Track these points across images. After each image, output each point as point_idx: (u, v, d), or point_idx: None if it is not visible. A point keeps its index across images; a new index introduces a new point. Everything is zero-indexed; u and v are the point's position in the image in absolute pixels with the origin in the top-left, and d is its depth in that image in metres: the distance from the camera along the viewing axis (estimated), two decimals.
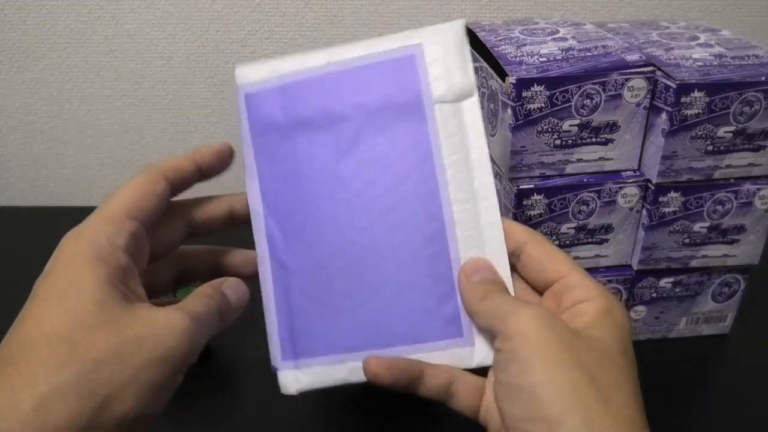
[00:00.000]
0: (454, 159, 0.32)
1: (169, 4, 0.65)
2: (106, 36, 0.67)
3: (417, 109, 0.32)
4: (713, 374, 0.48)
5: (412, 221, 0.32)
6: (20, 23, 0.66)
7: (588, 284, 0.28)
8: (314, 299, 0.33)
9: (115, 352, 0.24)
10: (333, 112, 0.33)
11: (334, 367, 0.33)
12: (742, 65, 0.41)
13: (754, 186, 0.43)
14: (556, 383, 0.24)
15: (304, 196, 0.33)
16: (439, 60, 0.32)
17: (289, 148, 0.33)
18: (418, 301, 0.32)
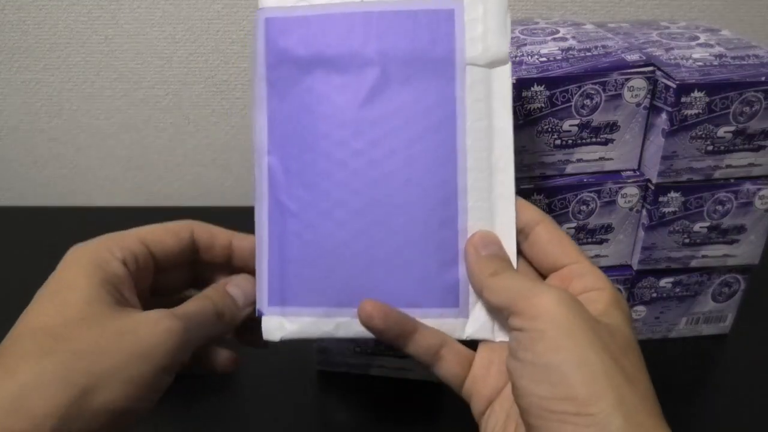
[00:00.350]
0: (477, 125, 0.31)
1: (169, 4, 0.65)
2: (106, 36, 0.67)
3: (448, 66, 0.31)
4: (713, 374, 0.48)
5: (424, 182, 0.31)
6: (20, 23, 0.66)
7: (597, 274, 0.29)
8: (311, 247, 0.31)
9: (95, 345, 0.25)
10: (358, 55, 0.31)
11: (321, 320, 0.32)
12: (742, 65, 0.41)
13: (754, 186, 0.43)
14: (587, 363, 0.24)
15: (315, 138, 0.31)
16: (478, 20, 0.31)
17: (306, 85, 0.32)
18: (418, 265, 0.31)
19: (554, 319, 0.25)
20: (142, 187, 0.75)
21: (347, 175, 0.31)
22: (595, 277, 0.29)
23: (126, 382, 0.25)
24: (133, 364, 0.25)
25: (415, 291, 0.31)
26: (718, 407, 0.45)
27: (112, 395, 0.24)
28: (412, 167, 0.31)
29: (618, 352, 0.25)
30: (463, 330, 0.31)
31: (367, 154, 0.31)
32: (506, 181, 0.31)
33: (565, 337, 0.25)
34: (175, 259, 0.32)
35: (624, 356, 0.25)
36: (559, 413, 0.24)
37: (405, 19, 0.31)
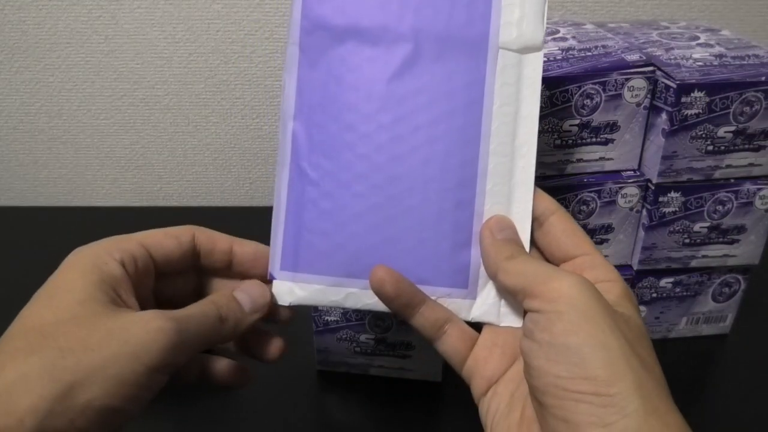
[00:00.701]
0: (504, 110, 0.31)
1: (169, 4, 0.65)
2: (106, 36, 0.67)
3: (481, 48, 0.31)
4: (713, 374, 0.48)
5: (446, 162, 0.31)
6: (20, 23, 0.66)
7: (609, 266, 0.29)
8: (328, 216, 0.32)
9: (83, 342, 0.24)
10: (392, 28, 0.31)
11: (331, 289, 0.32)
12: (743, 65, 0.41)
13: (755, 186, 0.43)
14: (606, 346, 0.24)
15: (341, 108, 0.31)
16: (516, 5, 0.31)
17: (338, 54, 0.32)
18: (432, 243, 0.31)
19: (573, 302, 0.25)
20: (142, 187, 0.75)
21: (370, 149, 0.31)
22: (607, 269, 0.29)
23: (113, 380, 0.24)
24: (121, 362, 0.25)
25: (426, 268, 0.31)
26: (718, 407, 0.45)
27: (99, 392, 0.24)
28: (435, 146, 0.31)
29: (634, 340, 0.25)
30: (470, 311, 0.32)
31: (392, 130, 0.31)
32: (527, 168, 0.31)
33: (584, 320, 0.25)
34: (177, 263, 0.32)
35: (639, 344, 0.26)
36: (576, 392, 0.24)
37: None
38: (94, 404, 0.24)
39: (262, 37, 0.67)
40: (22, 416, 0.22)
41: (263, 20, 0.66)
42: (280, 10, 0.66)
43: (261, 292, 0.31)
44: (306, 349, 0.47)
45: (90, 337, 0.25)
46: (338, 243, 0.32)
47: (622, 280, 0.29)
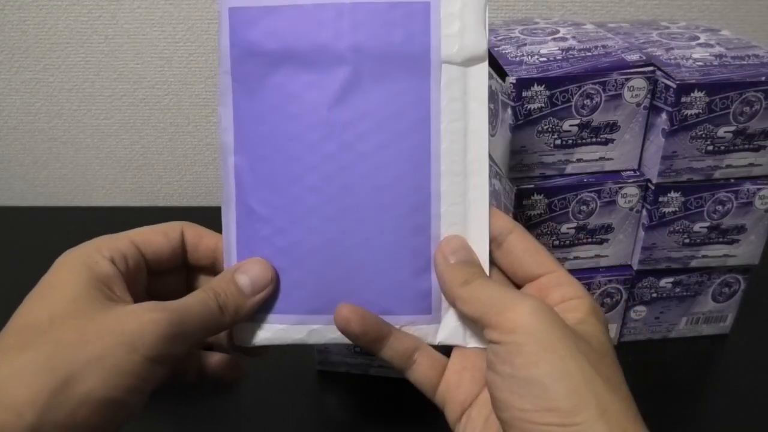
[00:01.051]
0: (452, 127, 0.30)
1: (169, 4, 0.65)
2: (106, 36, 0.67)
3: (423, 64, 0.29)
4: (713, 374, 0.48)
5: (398, 187, 0.30)
6: (20, 23, 0.66)
7: (575, 283, 0.29)
8: (283, 253, 0.31)
9: (78, 335, 0.24)
10: (329, 50, 0.29)
11: (294, 327, 0.31)
12: (742, 65, 0.41)
13: (754, 186, 0.43)
14: (567, 375, 0.24)
15: (285, 139, 0.30)
16: (455, 15, 0.29)
17: (275, 81, 0.30)
18: (392, 272, 0.30)
19: (531, 331, 0.25)
20: (142, 187, 0.75)
21: (319, 180, 0.30)
22: (573, 286, 0.29)
23: (110, 371, 0.24)
24: (117, 352, 0.24)
25: (388, 298, 0.31)
26: (718, 407, 0.45)
27: (97, 383, 0.24)
28: (385, 172, 0.30)
29: (597, 360, 0.25)
30: (436, 335, 0.31)
31: (339, 159, 0.30)
32: (480, 185, 0.30)
33: (543, 349, 0.25)
34: (168, 259, 0.31)
35: (602, 363, 0.25)
36: (542, 424, 0.24)
37: (379, 12, 0.29)
38: (94, 396, 0.24)
39: None
40: (21, 410, 0.22)
41: None
42: None
43: (262, 272, 0.30)
44: (306, 349, 0.47)
45: (84, 330, 0.25)
46: (297, 280, 0.31)
47: (589, 296, 0.28)
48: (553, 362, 0.24)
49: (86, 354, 0.24)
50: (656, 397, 0.45)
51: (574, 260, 0.46)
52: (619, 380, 0.26)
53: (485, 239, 0.30)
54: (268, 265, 0.31)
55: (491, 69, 0.44)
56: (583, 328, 0.27)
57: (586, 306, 0.28)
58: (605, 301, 0.47)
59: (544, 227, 0.44)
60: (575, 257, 0.46)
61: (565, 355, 0.24)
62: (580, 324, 0.27)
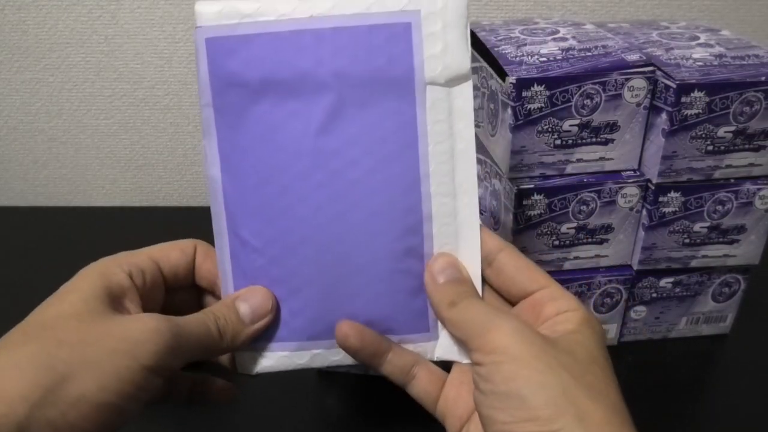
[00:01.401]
0: (439, 148, 0.30)
1: (169, 4, 0.65)
2: (106, 36, 0.67)
3: (407, 87, 0.29)
4: (713, 374, 0.48)
5: (389, 211, 0.30)
6: (20, 23, 0.66)
7: (569, 297, 0.29)
8: (280, 283, 0.31)
9: (80, 336, 0.25)
10: (311, 77, 0.29)
11: (296, 353, 0.32)
12: (742, 65, 0.41)
13: (754, 186, 0.43)
14: (544, 386, 0.25)
15: (273, 170, 0.30)
16: (437, 35, 0.29)
17: (257, 112, 0.29)
18: (388, 295, 0.31)
19: (509, 351, 0.26)
20: (142, 187, 0.75)
21: (310, 210, 0.30)
22: (566, 299, 0.29)
23: (108, 375, 0.24)
24: (117, 357, 0.25)
25: (386, 320, 0.31)
26: (718, 407, 0.45)
27: (92, 386, 0.24)
28: (376, 197, 0.30)
29: (579, 370, 0.26)
30: (433, 352, 0.32)
31: (329, 187, 0.30)
32: (470, 205, 0.30)
33: (520, 365, 0.25)
34: (184, 276, 0.32)
35: (588, 373, 0.26)
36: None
37: (359, 36, 0.28)
38: (88, 398, 0.24)
39: None
40: (13, 403, 0.22)
41: None
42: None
43: (263, 301, 0.31)
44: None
45: (88, 331, 0.25)
46: (295, 308, 0.31)
47: (582, 308, 0.29)
48: (530, 376, 0.25)
49: (86, 355, 0.24)
50: (656, 397, 0.45)
51: (574, 260, 0.46)
52: (606, 388, 0.26)
53: (477, 258, 0.30)
54: (268, 293, 0.31)
55: (491, 69, 0.44)
56: (573, 338, 0.27)
57: (579, 317, 0.28)
58: (605, 301, 0.47)
59: (544, 227, 0.44)
60: (575, 257, 0.46)
61: (543, 368, 0.25)
62: (570, 335, 0.28)
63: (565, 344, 0.27)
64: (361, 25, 0.28)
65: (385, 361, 0.31)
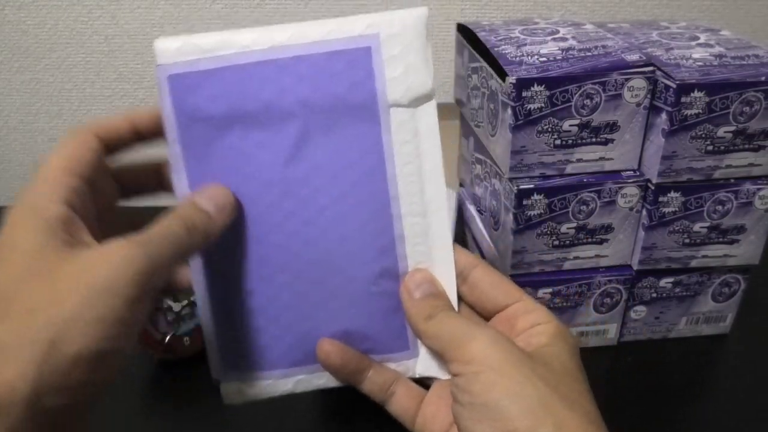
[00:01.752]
0: (407, 169, 0.30)
1: (169, 4, 0.65)
2: (106, 36, 0.67)
3: (371, 111, 0.29)
4: (713, 374, 0.48)
5: (362, 235, 0.30)
6: (20, 23, 0.66)
7: (541, 310, 0.30)
8: (258, 313, 0.31)
9: (50, 295, 0.23)
10: (275, 107, 0.29)
11: (280, 381, 0.32)
12: (742, 65, 0.41)
13: (754, 186, 0.43)
14: (522, 396, 0.25)
15: (244, 201, 0.30)
16: (397, 57, 0.28)
17: (225, 145, 0.29)
18: (365, 317, 0.31)
19: (486, 361, 0.26)
20: None
21: (283, 238, 0.30)
22: (539, 312, 0.30)
23: (95, 322, 0.23)
24: (96, 302, 0.23)
25: (366, 341, 0.31)
26: (718, 407, 0.45)
27: (84, 340, 0.23)
28: (347, 222, 0.30)
29: (555, 381, 0.26)
30: (414, 368, 0.32)
31: (300, 215, 0.30)
32: (441, 222, 0.30)
33: (498, 375, 0.26)
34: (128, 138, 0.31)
35: (562, 384, 0.26)
36: None
37: (320, 63, 0.28)
38: (84, 352, 0.23)
39: None
40: (13, 384, 0.22)
41: (263, 20, 0.66)
42: (279, 11, 0.66)
43: (223, 194, 0.30)
44: None
45: (54, 289, 0.23)
46: (275, 336, 0.31)
47: (555, 320, 0.29)
48: (507, 386, 0.25)
49: (63, 314, 0.23)
50: (656, 397, 0.45)
51: (574, 260, 0.46)
52: (580, 397, 0.26)
53: (452, 274, 0.31)
54: (227, 189, 0.30)
55: (491, 69, 0.44)
56: (547, 350, 0.28)
57: (552, 330, 0.29)
58: (605, 301, 0.47)
59: (544, 227, 0.44)
60: (575, 257, 0.46)
61: (521, 379, 0.26)
62: (544, 347, 0.28)
63: (540, 357, 0.27)
64: (322, 52, 0.28)
65: (366, 378, 0.32)
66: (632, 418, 0.44)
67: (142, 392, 0.47)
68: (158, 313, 0.46)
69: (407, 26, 0.29)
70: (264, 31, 0.29)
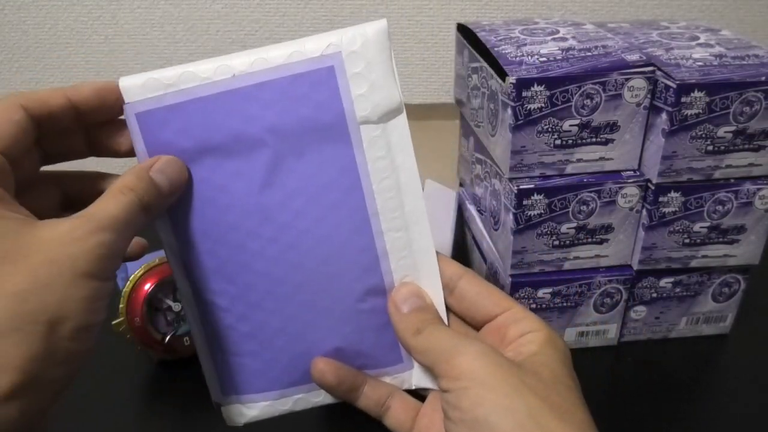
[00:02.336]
0: (383, 185, 0.29)
1: (169, 4, 0.65)
2: (106, 36, 0.67)
3: (341, 131, 0.28)
4: (713, 374, 0.48)
5: (345, 255, 0.30)
6: (20, 23, 0.66)
7: (531, 317, 0.30)
8: (250, 338, 0.31)
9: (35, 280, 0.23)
10: (245, 136, 0.29)
11: (278, 401, 0.33)
12: (742, 65, 0.41)
13: (754, 186, 0.43)
14: (511, 410, 0.25)
15: (224, 230, 0.30)
16: (361, 74, 0.28)
17: (199, 176, 0.30)
18: (356, 334, 0.31)
19: (474, 376, 0.26)
20: None
21: (267, 264, 0.30)
22: (529, 320, 0.29)
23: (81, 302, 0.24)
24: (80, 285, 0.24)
25: (359, 358, 0.32)
26: (718, 407, 0.45)
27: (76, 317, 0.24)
28: (329, 243, 0.30)
29: (546, 391, 0.26)
30: (411, 380, 0.32)
31: (281, 240, 0.30)
32: (424, 234, 0.30)
33: (487, 390, 0.26)
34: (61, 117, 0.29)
35: (554, 393, 0.26)
36: None
37: (284, 87, 0.28)
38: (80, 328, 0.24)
39: (262, 37, 0.67)
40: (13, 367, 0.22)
41: (263, 20, 0.66)
42: (280, 11, 0.66)
43: (179, 170, 0.29)
44: None
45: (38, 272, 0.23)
46: (269, 359, 0.32)
47: (545, 327, 0.29)
48: (496, 401, 0.25)
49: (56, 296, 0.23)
50: (656, 397, 0.45)
51: (574, 260, 0.46)
52: (573, 407, 0.26)
53: (438, 286, 0.31)
54: (182, 163, 0.29)
55: (491, 69, 0.44)
56: (537, 359, 0.28)
57: (542, 338, 0.29)
58: (605, 301, 0.47)
59: (544, 227, 0.44)
60: (575, 257, 0.46)
61: (509, 392, 0.25)
62: (534, 356, 0.28)
63: (530, 366, 0.27)
64: (285, 76, 0.28)
65: (361, 395, 0.32)
66: (632, 418, 0.44)
67: (142, 392, 0.47)
68: (158, 313, 0.47)
69: (369, 41, 0.28)
70: (224, 59, 0.28)
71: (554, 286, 0.46)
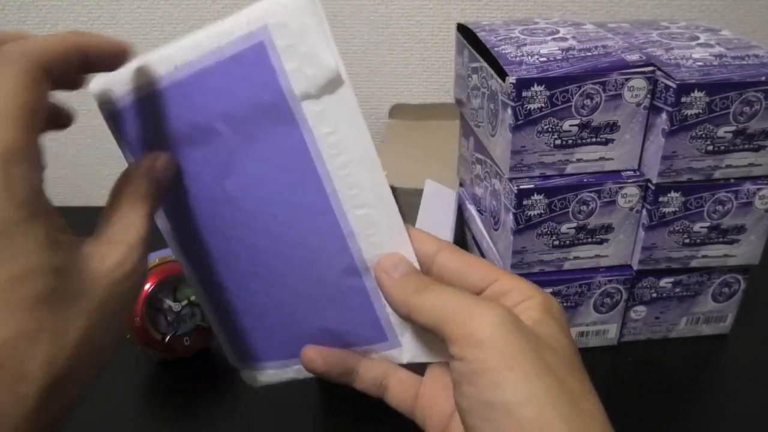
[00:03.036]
0: (337, 162, 0.27)
1: (169, 4, 0.65)
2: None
3: (284, 110, 0.27)
4: (713, 374, 0.48)
5: (314, 237, 0.29)
6: (20, 23, 0.66)
7: (524, 284, 0.27)
8: (244, 313, 0.33)
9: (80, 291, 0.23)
10: (200, 126, 0.28)
11: (282, 370, 0.34)
12: (742, 65, 0.41)
13: (754, 186, 0.43)
14: (532, 399, 0.23)
15: (205, 219, 0.30)
16: (293, 47, 0.26)
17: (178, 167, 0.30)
18: (338, 314, 0.31)
19: (494, 345, 0.23)
20: None
21: (243, 249, 0.30)
22: (521, 288, 0.27)
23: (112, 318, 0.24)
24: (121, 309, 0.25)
25: (345, 335, 0.31)
26: (718, 407, 0.45)
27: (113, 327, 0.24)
28: (296, 226, 0.29)
29: (563, 372, 0.24)
30: (401, 357, 0.31)
31: (251, 226, 0.30)
32: (389, 209, 0.28)
33: (507, 368, 0.23)
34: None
35: (569, 375, 0.24)
36: None
37: (223, 71, 0.27)
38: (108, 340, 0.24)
39: None
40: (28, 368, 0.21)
41: None
42: None
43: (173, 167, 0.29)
44: None
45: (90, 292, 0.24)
46: (265, 333, 0.33)
47: (541, 293, 0.27)
48: (517, 384, 0.23)
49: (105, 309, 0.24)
50: (656, 397, 0.45)
51: (574, 260, 0.46)
52: (585, 391, 0.24)
53: (413, 258, 0.29)
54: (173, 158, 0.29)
55: (491, 69, 0.44)
56: (543, 330, 0.25)
57: (539, 304, 0.26)
58: (605, 301, 0.47)
59: (544, 227, 0.44)
60: (575, 257, 0.46)
61: (530, 371, 0.23)
62: (538, 325, 0.25)
63: (544, 339, 0.25)
64: (222, 60, 0.27)
65: (357, 377, 0.31)
66: (633, 418, 0.44)
67: (142, 392, 0.47)
68: (158, 313, 0.47)
69: (294, 9, 0.25)
70: (164, 49, 0.28)
71: (554, 286, 0.46)
